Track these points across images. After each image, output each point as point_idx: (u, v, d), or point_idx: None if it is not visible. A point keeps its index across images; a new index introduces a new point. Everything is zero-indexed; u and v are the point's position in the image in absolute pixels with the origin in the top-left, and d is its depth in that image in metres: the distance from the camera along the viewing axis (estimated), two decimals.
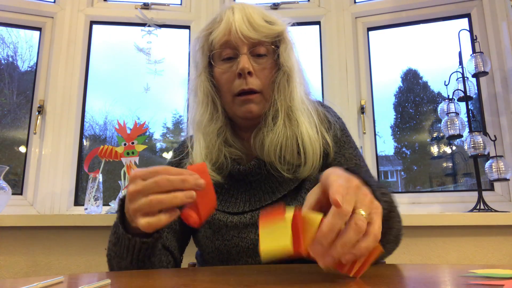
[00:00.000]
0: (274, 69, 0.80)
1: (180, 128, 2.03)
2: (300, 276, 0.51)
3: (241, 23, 0.76)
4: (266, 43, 0.79)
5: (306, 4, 1.92)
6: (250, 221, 0.77)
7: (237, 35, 0.76)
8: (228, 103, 0.81)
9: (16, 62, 1.96)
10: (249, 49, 0.77)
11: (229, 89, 0.79)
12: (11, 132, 1.84)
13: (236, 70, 0.77)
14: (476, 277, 0.46)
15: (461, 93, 1.58)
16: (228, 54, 0.79)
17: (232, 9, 0.79)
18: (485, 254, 1.39)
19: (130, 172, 1.51)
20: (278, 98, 0.79)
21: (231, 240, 0.77)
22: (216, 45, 0.79)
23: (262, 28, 0.77)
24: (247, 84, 0.76)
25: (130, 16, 1.88)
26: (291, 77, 0.80)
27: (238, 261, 0.77)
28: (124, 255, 0.65)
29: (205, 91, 0.82)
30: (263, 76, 0.79)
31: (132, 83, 1.96)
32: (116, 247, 0.66)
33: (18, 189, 1.70)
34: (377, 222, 0.46)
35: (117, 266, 0.69)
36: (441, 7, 1.80)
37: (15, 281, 0.54)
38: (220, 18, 0.80)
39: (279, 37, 0.80)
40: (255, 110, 0.78)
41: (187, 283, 0.48)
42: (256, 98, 0.78)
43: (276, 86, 0.79)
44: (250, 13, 0.77)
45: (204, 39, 0.83)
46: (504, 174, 1.46)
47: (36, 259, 1.44)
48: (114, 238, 0.67)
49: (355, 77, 1.80)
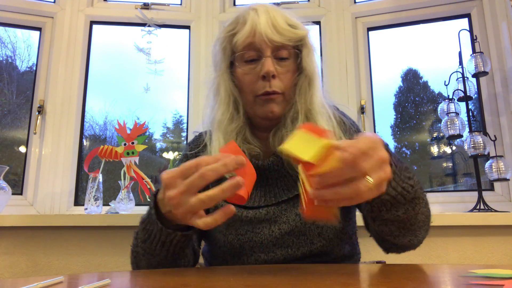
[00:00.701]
0: (295, 73, 0.82)
1: (180, 128, 2.03)
2: (300, 276, 0.51)
3: (266, 26, 0.77)
4: (289, 46, 0.80)
5: (306, 4, 1.92)
6: (265, 217, 0.78)
7: (261, 37, 0.77)
8: (249, 103, 0.82)
9: (15, 62, 1.96)
10: (272, 52, 0.78)
11: (252, 90, 0.80)
12: (11, 132, 1.84)
13: (259, 72, 0.78)
14: (476, 277, 0.46)
15: (461, 93, 1.58)
16: (251, 56, 0.80)
17: (256, 11, 0.80)
18: (485, 254, 1.39)
19: (130, 172, 1.51)
20: (299, 100, 0.81)
21: (245, 234, 0.78)
22: (239, 46, 0.80)
23: (286, 32, 0.78)
24: (271, 86, 0.78)
25: (130, 16, 1.88)
26: (312, 81, 0.82)
27: (251, 256, 0.78)
28: (157, 251, 0.65)
29: (228, 90, 0.83)
30: (285, 79, 0.80)
31: (132, 83, 1.96)
32: (146, 243, 0.66)
33: (18, 189, 1.70)
34: (382, 176, 0.48)
35: (146, 263, 0.68)
36: (441, 7, 1.80)
37: (15, 281, 0.54)
38: (243, 19, 0.81)
39: (302, 41, 0.82)
40: (277, 110, 0.80)
41: (187, 283, 0.48)
42: (278, 98, 0.79)
43: (298, 89, 0.81)
44: (274, 16, 0.78)
45: (227, 40, 0.83)
46: (504, 174, 1.46)
47: (36, 259, 1.44)
48: (144, 235, 0.66)
49: (355, 77, 1.80)
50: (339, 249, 0.79)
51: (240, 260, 0.78)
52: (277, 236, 0.76)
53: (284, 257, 0.76)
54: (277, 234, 0.76)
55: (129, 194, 1.53)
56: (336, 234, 0.78)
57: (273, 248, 0.77)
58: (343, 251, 0.81)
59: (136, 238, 0.70)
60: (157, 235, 0.63)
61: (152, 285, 0.47)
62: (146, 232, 0.65)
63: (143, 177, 1.52)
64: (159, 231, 0.62)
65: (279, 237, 0.76)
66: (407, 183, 0.59)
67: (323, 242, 0.76)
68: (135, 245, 0.71)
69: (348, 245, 0.83)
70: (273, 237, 0.77)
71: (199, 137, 0.94)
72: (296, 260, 0.77)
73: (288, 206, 0.79)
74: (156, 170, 1.96)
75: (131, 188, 1.55)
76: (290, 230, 0.76)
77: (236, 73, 0.82)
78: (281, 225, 0.77)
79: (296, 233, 0.76)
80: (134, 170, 1.51)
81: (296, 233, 0.76)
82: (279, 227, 0.77)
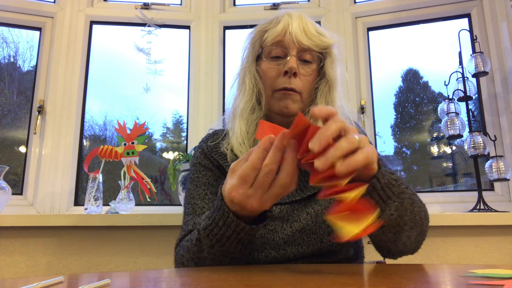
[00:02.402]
0: (316, 77, 0.87)
1: (180, 128, 2.03)
2: (300, 276, 0.51)
3: (297, 28, 0.82)
4: (314, 51, 0.85)
5: (306, 4, 1.92)
6: (278, 215, 0.80)
7: (291, 38, 0.82)
8: (267, 97, 0.86)
9: (17, 62, 1.96)
10: (298, 53, 0.83)
11: (272, 85, 0.84)
12: (11, 132, 1.84)
13: (282, 68, 0.83)
14: (476, 277, 0.46)
15: (461, 93, 1.58)
16: (278, 53, 0.84)
17: (290, 15, 0.85)
18: (485, 254, 1.39)
19: (130, 172, 1.51)
20: (320, 103, 0.85)
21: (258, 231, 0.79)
22: (268, 42, 0.85)
23: (314, 38, 0.83)
24: (290, 83, 0.82)
25: (130, 16, 1.88)
26: (332, 87, 0.86)
27: (261, 253, 0.78)
28: (232, 249, 0.65)
29: (252, 81, 0.87)
30: (305, 80, 0.84)
31: (132, 83, 1.96)
32: (215, 248, 0.66)
33: (18, 189, 1.70)
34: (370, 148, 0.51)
35: (215, 263, 0.68)
36: (441, 7, 1.80)
37: (15, 281, 0.54)
38: (277, 20, 0.86)
39: (327, 50, 0.87)
40: (291, 107, 0.83)
41: (187, 283, 0.48)
42: (295, 96, 0.83)
43: (319, 92, 0.86)
44: (306, 22, 0.84)
45: (258, 34, 0.88)
46: (504, 174, 1.46)
47: (36, 259, 1.44)
48: (211, 240, 0.65)
49: (355, 77, 1.80)
50: (346, 250, 0.81)
51: (250, 256, 0.79)
52: (289, 234, 0.78)
53: (294, 255, 0.78)
54: (288, 232, 0.78)
55: (129, 194, 1.53)
56: None
57: (284, 245, 0.78)
58: (350, 252, 0.83)
59: (195, 249, 0.69)
60: (233, 236, 0.63)
61: (152, 285, 0.47)
62: (213, 237, 0.65)
63: (143, 177, 1.52)
64: (238, 230, 0.62)
65: (290, 235, 0.78)
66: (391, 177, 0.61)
67: (332, 241, 0.78)
68: (195, 254, 0.70)
69: (354, 247, 0.85)
70: (284, 235, 0.78)
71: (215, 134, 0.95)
72: (305, 258, 0.78)
73: (300, 205, 0.81)
74: (156, 170, 1.96)
75: (131, 188, 1.55)
76: (302, 228, 0.78)
77: (261, 66, 0.87)
78: (293, 223, 0.79)
79: (307, 231, 0.78)
80: (134, 170, 1.51)
81: (307, 231, 0.78)
82: (291, 225, 0.79)
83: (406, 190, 0.65)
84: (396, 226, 0.65)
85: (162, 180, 1.92)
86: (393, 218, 0.63)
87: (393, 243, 0.70)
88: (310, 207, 0.80)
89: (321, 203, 0.80)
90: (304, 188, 0.82)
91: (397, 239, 0.68)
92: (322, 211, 0.79)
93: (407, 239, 0.70)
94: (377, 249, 0.78)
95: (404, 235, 0.68)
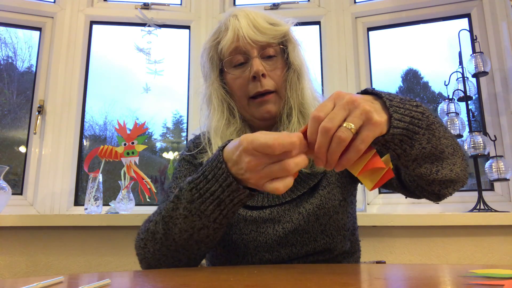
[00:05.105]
0: (284, 69, 0.84)
1: (180, 128, 2.03)
2: (300, 276, 0.51)
3: (247, 28, 0.79)
4: (274, 44, 0.82)
5: (306, 4, 1.92)
6: (269, 216, 0.79)
7: (245, 40, 0.79)
8: (244, 107, 0.84)
9: (16, 63, 1.96)
10: (259, 52, 0.81)
11: (244, 93, 0.82)
12: (11, 132, 1.84)
13: (249, 74, 0.80)
14: (476, 277, 0.46)
15: (461, 93, 1.58)
16: (239, 60, 0.82)
17: (236, 16, 0.82)
18: (485, 254, 1.39)
19: (130, 172, 1.51)
20: (291, 96, 0.83)
21: (249, 234, 0.78)
22: (225, 52, 0.82)
23: (268, 31, 0.80)
24: (262, 86, 0.80)
25: (130, 16, 1.88)
26: (301, 75, 0.84)
27: (255, 256, 0.78)
28: (208, 211, 0.60)
29: (220, 98, 0.85)
30: (275, 76, 0.82)
31: (132, 83, 1.96)
32: (194, 204, 0.61)
33: (18, 189, 1.70)
34: (363, 133, 0.50)
35: (179, 232, 0.64)
36: (441, 7, 1.80)
37: (15, 281, 0.54)
38: (225, 27, 0.83)
39: (285, 37, 0.84)
40: (273, 110, 0.82)
41: (187, 283, 0.48)
42: (272, 98, 0.81)
43: (288, 84, 0.83)
44: (254, 18, 0.80)
45: (212, 48, 0.86)
46: (504, 174, 1.46)
47: (36, 259, 1.44)
48: (193, 195, 0.61)
49: (355, 77, 1.80)
50: (342, 246, 0.80)
51: (244, 260, 0.79)
52: (281, 235, 0.77)
53: (288, 256, 0.77)
54: (281, 233, 0.77)
55: (129, 194, 1.53)
56: (338, 231, 0.78)
57: (278, 247, 0.77)
58: (345, 247, 0.82)
59: (171, 206, 0.65)
60: (216, 193, 0.58)
61: (152, 285, 0.47)
62: (197, 191, 0.60)
63: (143, 177, 1.52)
64: (224, 186, 0.57)
65: (283, 236, 0.77)
66: (415, 112, 0.57)
67: (326, 239, 0.77)
68: (168, 212, 0.66)
69: (349, 242, 0.84)
70: (277, 236, 0.77)
71: (197, 139, 0.93)
72: (300, 258, 0.77)
73: (291, 206, 0.80)
74: (156, 170, 1.96)
75: (131, 188, 1.55)
76: (294, 228, 0.77)
77: (227, 79, 0.84)
78: (284, 224, 0.78)
79: (300, 231, 0.77)
80: (134, 170, 1.51)
81: (300, 232, 0.77)
82: (283, 226, 0.77)
83: (435, 119, 0.61)
84: (432, 156, 0.62)
85: (162, 180, 1.92)
86: (427, 151, 0.60)
87: (438, 173, 0.65)
88: (302, 207, 0.78)
89: (312, 201, 0.78)
90: (294, 189, 0.81)
91: (439, 170, 0.64)
92: (314, 210, 0.77)
93: (453, 165, 0.66)
94: (426, 193, 0.72)
95: (446, 163, 0.64)
